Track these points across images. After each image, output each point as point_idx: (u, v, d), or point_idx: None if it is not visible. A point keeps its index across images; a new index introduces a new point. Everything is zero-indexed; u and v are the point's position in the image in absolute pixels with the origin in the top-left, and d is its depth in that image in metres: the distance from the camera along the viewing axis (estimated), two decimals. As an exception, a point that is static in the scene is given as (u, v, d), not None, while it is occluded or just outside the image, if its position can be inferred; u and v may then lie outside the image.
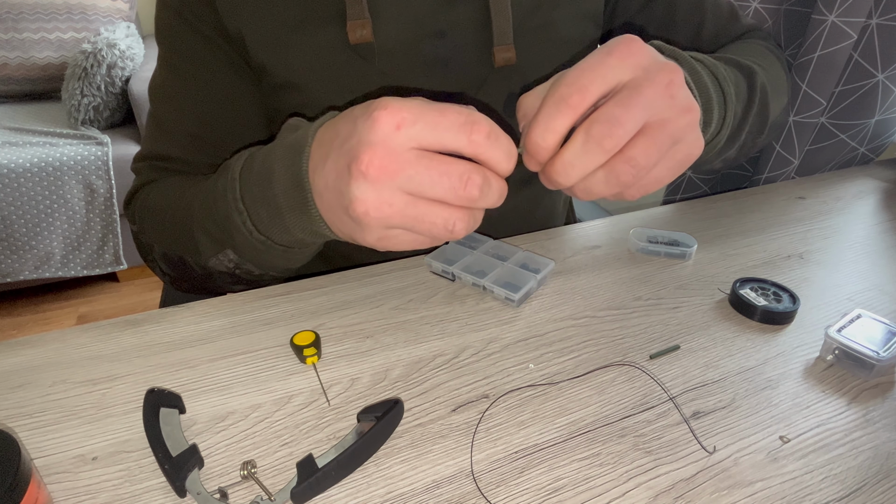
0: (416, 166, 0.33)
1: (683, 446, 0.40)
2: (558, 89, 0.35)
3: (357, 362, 0.47)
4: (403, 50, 0.57)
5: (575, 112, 0.34)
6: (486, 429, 0.41)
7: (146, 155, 0.63)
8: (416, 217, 0.35)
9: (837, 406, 0.43)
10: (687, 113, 0.36)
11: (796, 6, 0.86)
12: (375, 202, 0.34)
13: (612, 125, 0.34)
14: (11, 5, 1.91)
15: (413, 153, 0.33)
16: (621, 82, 0.35)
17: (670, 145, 0.36)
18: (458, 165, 0.34)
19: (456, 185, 0.33)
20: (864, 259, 0.62)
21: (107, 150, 1.75)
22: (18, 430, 0.40)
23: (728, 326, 0.51)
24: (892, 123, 0.87)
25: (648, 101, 0.34)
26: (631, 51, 0.35)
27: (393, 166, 0.33)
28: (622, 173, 0.35)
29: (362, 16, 0.54)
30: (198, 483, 0.35)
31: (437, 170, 0.33)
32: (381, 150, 0.33)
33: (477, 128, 0.33)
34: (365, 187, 0.34)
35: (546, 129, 0.35)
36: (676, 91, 0.36)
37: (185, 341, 0.49)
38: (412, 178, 0.33)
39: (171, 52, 0.59)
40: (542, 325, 0.51)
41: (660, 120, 0.35)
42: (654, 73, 0.35)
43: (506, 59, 0.58)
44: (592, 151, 0.34)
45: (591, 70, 0.35)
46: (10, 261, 1.73)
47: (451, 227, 0.35)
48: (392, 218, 0.35)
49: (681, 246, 0.61)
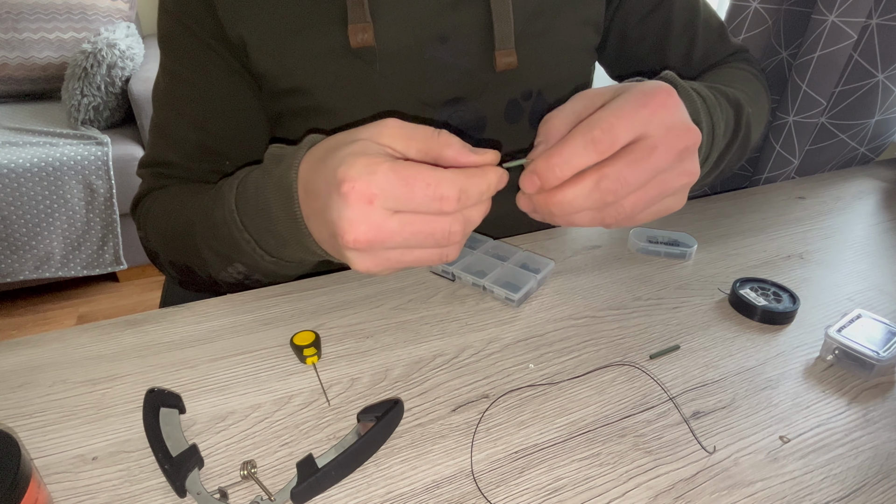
0: (402, 233, 0.35)
1: (683, 446, 0.40)
2: (592, 130, 0.35)
3: (357, 362, 0.47)
4: (405, 54, 0.57)
5: (599, 157, 0.36)
6: (486, 429, 0.41)
7: (149, 161, 0.63)
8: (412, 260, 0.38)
9: (837, 406, 0.43)
10: (687, 176, 0.38)
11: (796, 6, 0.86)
12: (374, 262, 0.37)
13: (621, 186, 0.36)
14: (11, 5, 1.91)
15: (395, 220, 0.35)
16: (644, 135, 0.36)
17: (660, 199, 0.38)
18: (438, 224, 0.36)
19: (440, 240, 0.36)
20: (864, 259, 0.62)
21: (107, 150, 1.75)
22: (18, 430, 0.40)
23: (728, 326, 0.51)
24: (892, 123, 0.87)
25: (659, 166, 0.36)
26: (665, 105, 0.36)
27: (380, 237, 0.35)
28: (608, 217, 0.38)
29: (363, 19, 0.54)
30: (198, 483, 0.35)
31: (422, 233, 0.36)
32: (363, 227, 0.35)
33: (447, 202, 0.35)
34: (358, 255, 0.37)
35: (566, 164, 0.36)
36: (687, 157, 0.38)
37: (185, 341, 0.49)
38: (403, 242, 0.36)
39: (173, 59, 0.59)
40: (542, 325, 0.51)
41: (659, 179, 0.37)
42: (673, 138, 0.37)
43: (507, 63, 0.59)
44: (594, 201, 0.36)
45: (626, 119, 0.35)
46: (10, 261, 1.73)
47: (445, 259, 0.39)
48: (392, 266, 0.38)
49: (681, 246, 0.62)
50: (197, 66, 0.58)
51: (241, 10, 0.54)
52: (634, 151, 0.36)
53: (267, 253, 0.47)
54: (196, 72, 0.58)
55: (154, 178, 0.63)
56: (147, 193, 0.63)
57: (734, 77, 0.64)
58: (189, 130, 0.60)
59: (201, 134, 0.60)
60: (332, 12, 0.54)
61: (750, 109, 0.56)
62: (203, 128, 0.60)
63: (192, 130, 0.60)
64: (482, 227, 0.67)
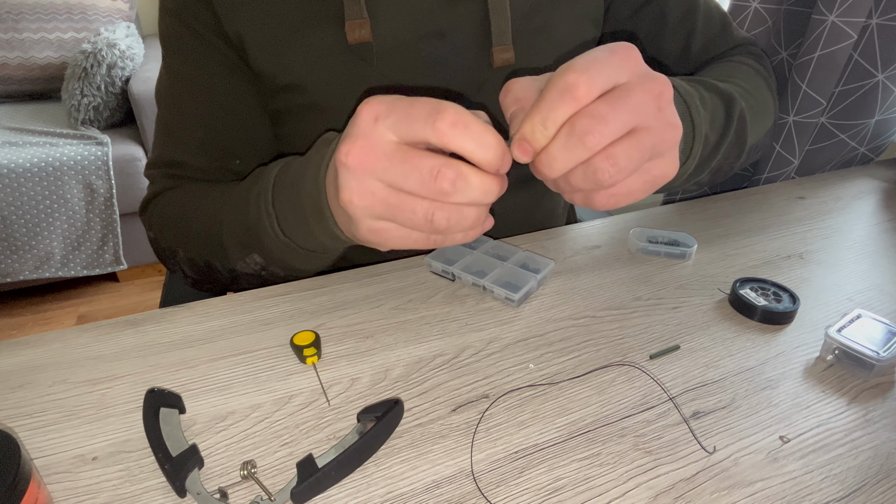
0: (391, 159, 0.35)
1: (683, 446, 0.40)
2: (565, 77, 0.33)
3: (357, 362, 0.47)
4: (402, 50, 0.57)
5: (579, 104, 0.33)
6: (486, 429, 0.41)
7: (158, 161, 0.63)
8: (396, 206, 0.36)
9: (837, 406, 0.43)
10: (672, 129, 0.37)
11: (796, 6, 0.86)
12: (358, 190, 0.36)
13: (598, 122, 0.33)
14: (11, 5, 1.91)
15: (391, 146, 0.35)
16: (617, 83, 0.35)
17: (650, 156, 0.36)
18: (429, 160, 0.34)
19: (425, 179, 0.34)
20: (864, 259, 0.62)
21: (107, 150, 1.75)
22: (18, 430, 0.40)
23: (728, 326, 0.51)
24: (892, 123, 0.87)
25: (638, 106, 0.34)
26: (630, 55, 0.35)
27: (370, 157, 0.35)
28: (600, 170, 0.35)
29: (360, 15, 0.54)
30: (198, 483, 0.35)
31: (409, 163, 0.34)
32: (361, 142, 0.35)
33: (441, 116, 0.33)
34: (347, 176, 0.36)
35: (546, 120, 0.34)
36: (665, 104, 0.36)
37: (185, 341, 0.49)
38: (387, 170, 0.35)
39: (174, 57, 0.59)
40: (542, 325, 0.51)
41: (646, 127, 0.35)
42: (647, 82, 0.35)
43: (505, 59, 0.58)
44: (575, 146, 0.34)
45: (599, 64, 0.34)
46: (10, 261, 1.73)
47: (431, 218, 0.35)
48: (374, 207, 0.36)
49: (681, 246, 0.61)
50: (198, 63, 0.58)
51: (237, 6, 0.54)
52: (608, 95, 0.34)
53: (283, 232, 0.47)
54: (198, 69, 0.58)
55: (165, 178, 0.63)
56: (158, 194, 0.63)
57: (731, 71, 0.63)
58: (194, 128, 0.60)
59: (207, 131, 0.60)
60: (329, 9, 0.54)
61: (744, 103, 0.55)
62: (208, 125, 0.60)
63: (197, 128, 0.60)
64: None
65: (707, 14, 0.68)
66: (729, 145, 0.55)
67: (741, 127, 0.55)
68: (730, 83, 0.58)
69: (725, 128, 0.53)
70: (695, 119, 0.47)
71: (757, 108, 0.61)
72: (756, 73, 0.66)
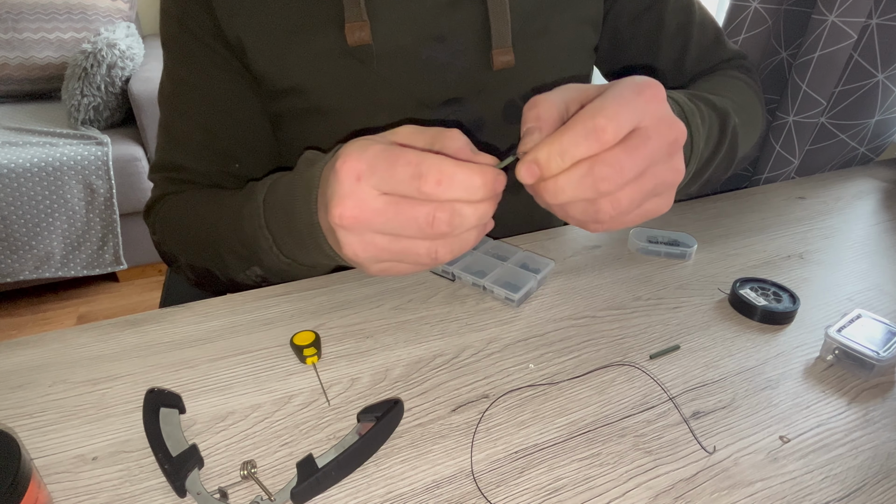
0: (384, 214, 0.35)
1: (683, 446, 0.40)
2: (595, 118, 0.34)
3: (357, 362, 0.47)
4: (402, 54, 0.57)
5: (602, 147, 0.34)
6: (486, 429, 0.41)
7: (160, 165, 0.63)
8: (400, 252, 0.37)
9: (837, 406, 0.43)
10: (676, 174, 0.38)
11: (796, 6, 0.86)
12: (360, 245, 0.37)
13: (616, 171, 0.34)
14: (11, 5, 1.91)
15: (381, 200, 0.36)
16: (638, 126, 0.35)
17: (651, 196, 0.37)
18: (422, 208, 0.35)
19: (422, 227, 0.35)
20: (864, 259, 0.62)
21: (107, 150, 1.75)
22: (18, 430, 0.40)
23: (728, 326, 0.51)
24: (892, 123, 0.87)
25: (652, 154, 0.35)
26: (656, 97, 0.36)
27: (364, 216, 0.36)
28: (602, 210, 0.36)
29: (360, 18, 0.54)
30: (198, 483, 0.35)
31: (403, 216, 0.35)
32: (350, 202, 0.36)
33: (424, 181, 0.34)
34: (346, 234, 0.37)
35: (567, 152, 0.34)
36: (675, 151, 0.37)
37: (185, 341, 0.49)
38: (384, 224, 0.36)
39: (175, 61, 0.59)
40: (542, 325, 0.51)
41: (653, 172, 0.36)
42: (664, 128, 0.36)
43: (504, 62, 0.58)
44: (587, 187, 0.35)
45: (627, 108, 0.34)
46: (10, 261, 1.73)
47: (435, 255, 0.37)
48: (379, 255, 0.38)
49: (681, 246, 0.61)
50: (199, 67, 0.58)
51: (238, 10, 0.54)
52: (631, 139, 0.35)
53: (283, 253, 0.48)
54: (198, 73, 0.58)
55: (167, 182, 0.63)
56: (161, 198, 0.63)
57: (725, 85, 0.64)
58: (195, 132, 0.61)
59: (207, 135, 0.60)
60: (329, 13, 0.54)
61: (737, 119, 0.56)
62: (208, 129, 0.60)
63: (197, 132, 0.61)
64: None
65: (702, 25, 0.69)
66: (721, 159, 0.56)
67: (733, 141, 0.56)
68: (724, 97, 0.58)
69: (719, 143, 0.54)
70: (694, 137, 0.48)
71: (748, 122, 0.62)
72: (747, 86, 0.67)
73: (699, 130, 0.48)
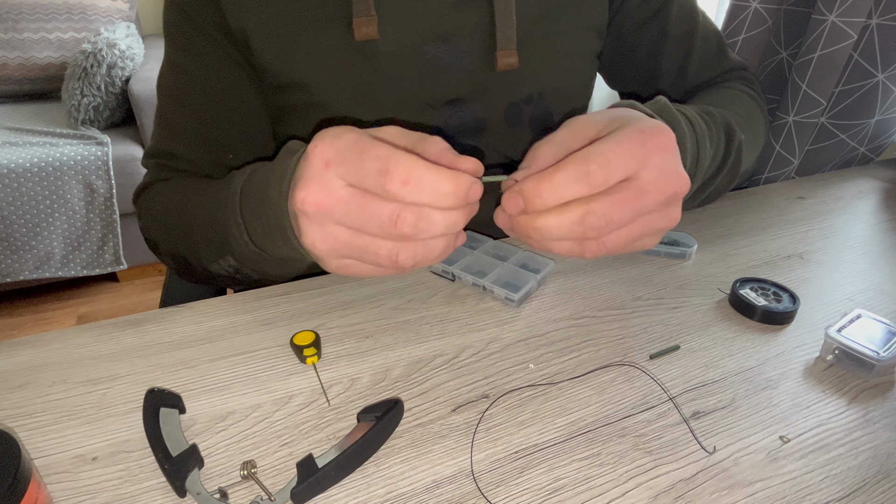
0: (348, 205, 0.34)
1: (683, 446, 0.40)
2: (588, 163, 0.34)
3: (357, 362, 0.47)
4: (406, 52, 0.57)
5: (591, 191, 0.34)
6: (486, 429, 0.41)
7: (154, 152, 0.63)
8: (360, 248, 0.36)
9: (837, 406, 0.43)
10: (669, 222, 0.38)
11: (796, 6, 0.86)
12: (320, 235, 0.36)
13: (606, 223, 0.34)
14: (11, 5, 1.91)
15: (346, 191, 0.34)
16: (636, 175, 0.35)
17: (639, 238, 0.38)
18: (386, 206, 0.33)
19: (385, 225, 0.34)
20: (864, 259, 0.62)
21: (107, 150, 1.75)
22: (18, 430, 0.40)
23: (728, 326, 0.51)
24: (892, 123, 0.87)
25: (646, 206, 0.35)
26: (662, 148, 0.35)
27: (327, 203, 0.34)
28: (588, 250, 0.37)
29: (368, 13, 0.54)
30: (198, 483, 0.35)
31: (367, 210, 0.34)
32: (315, 187, 0.34)
33: (390, 177, 0.33)
34: (307, 222, 0.36)
35: (555, 192, 0.34)
36: (673, 202, 0.37)
37: (185, 341, 0.49)
38: (347, 216, 0.35)
39: (176, 50, 0.59)
40: (542, 325, 0.51)
41: (644, 220, 0.36)
42: (664, 182, 0.36)
43: (508, 64, 0.59)
44: (575, 233, 0.35)
45: (624, 157, 0.34)
46: (10, 261, 1.73)
47: (395, 258, 0.35)
48: (339, 249, 0.36)
49: (681, 246, 0.61)
50: (199, 57, 0.58)
51: (245, 2, 0.54)
52: (625, 190, 0.35)
53: (253, 242, 0.46)
54: (199, 63, 0.58)
55: (158, 169, 0.63)
56: (150, 184, 0.63)
57: (731, 99, 0.63)
58: (191, 121, 0.61)
59: (203, 125, 0.60)
60: (337, 9, 0.55)
61: (743, 136, 0.55)
62: (205, 119, 0.60)
63: (194, 121, 0.61)
64: (482, 227, 0.67)
65: (704, 35, 0.69)
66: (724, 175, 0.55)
67: (737, 158, 0.55)
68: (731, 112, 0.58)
69: (724, 160, 0.53)
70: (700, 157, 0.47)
71: (753, 138, 0.61)
72: (752, 100, 0.67)
73: (706, 152, 0.48)
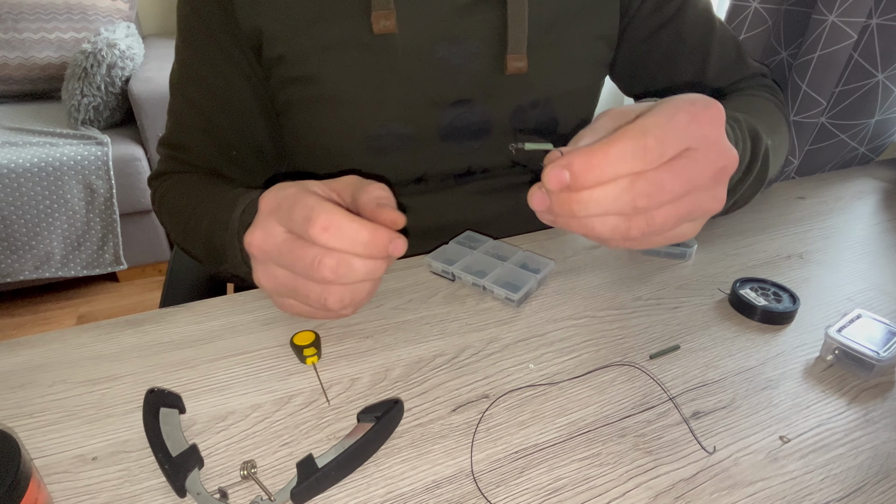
0: (281, 248, 0.39)
1: (683, 446, 0.39)
2: (645, 136, 0.32)
3: (357, 362, 0.47)
4: (416, 50, 0.57)
5: (645, 166, 0.33)
6: (486, 429, 0.41)
7: (166, 142, 0.65)
8: (294, 289, 0.40)
9: (837, 406, 0.43)
10: (716, 202, 0.36)
11: (796, 6, 0.86)
12: (264, 274, 0.41)
13: (657, 190, 0.33)
14: (11, 5, 1.91)
15: (283, 236, 0.39)
16: (689, 147, 0.34)
17: (685, 221, 0.36)
18: (309, 250, 0.37)
19: (308, 268, 0.38)
20: (864, 259, 0.62)
21: (107, 150, 1.75)
22: (18, 430, 0.40)
23: (728, 326, 0.51)
24: (892, 123, 0.87)
25: (697, 179, 0.34)
26: (714, 121, 0.35)
27: (266, 247, 0.39)
28: (634, 227, 0.34)
29: (387, 6, 0.54)
30: (198, 483, 0.35)
31: (294, 253, 0.38)
32: (259, 233, 0.40)
33: (312, 223, 0.37)
34: (254, 262, 0.41)
35: (610, 166, 0.32)
36: (721, 179, 0.36)
37: (185, 341, 0.49)
38: (280, 258, 0.39)
39: (185, 45, 0.60)
40: (542, 325, 0.51)
41: (693, 197, 0.35)
42: (714, 155, 0.35)
43: (517, 67, 0.59)
44: (625, 203, 0.33)
45: (680, 131, 0.33)
46: (10, 261, 1.73)
47: (324, 302, 0.40)
48: (278, 288, 0.41)
49: (681, 246, 0.61)
50: (204, 56, 0.59)
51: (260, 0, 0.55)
52: (678, 160, 0.33)
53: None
54: (202, 62, 0.59)
55: (170, 160, 0.65)
56: (164, 173, 0.66)
57: (754, 106, 0.62)
58: (195, 117, 0.62)
59: (206, 122, 0.62)
60: (353, 3, 0.55)
61: (769, 141, 0.54)
62: (207, 117, 0.62)
63: (197, 118, 0.62)
64: (483, 227, 0.67)
65: (722, 40, 0.68)
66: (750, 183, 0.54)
67: (765, 164, 0.54)
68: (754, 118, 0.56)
69: (750, 165, 0.52)
70: None
71: (779, 145, 0.60)
72: (776, 107, 0.66)
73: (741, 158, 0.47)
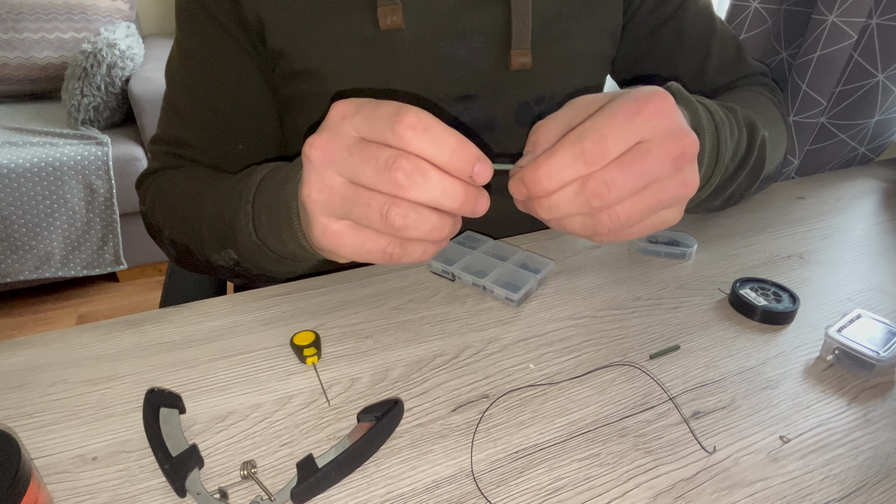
0: (351, 150, 0.34)
1: (683, 446, 0.40)
2: (581, 141, 0.33)
3: (357, 362, 0.47)
4: (421, 46, 0.57)
5: (589, 168, 0.34)
6: (486, 429, 0.41)
7: (162, 138, 0.63)
8: (352, 199, 0.35)
9: (837, 406, 0.43)
10: (685, 187, 0.36)
11: (796, 6, 0.86)
12: (318, 184, 0.35)
13: (608, 189, 0.34)
14: (11, 5, 1.91)
15: (352, 140, 0.35)
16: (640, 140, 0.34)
17: (657, 210, 0.36)
18: (386, 150, 0.33)
19: (381, 169, 0.33)
20: (864, 259, 0.62)
21: (107, 150, 1.75)
22: (18, 430, 0.40)
23: (728, 326, 0.51)
24: (892, 123, 0.87)
25: (651, 169, 0.34)
26: (661, 110, 0.35)
27: (331, 150, 0.35)
28: (601, 224, 0.35)
29: (394, 1, 0.54)
30: (198, 483, 0.35)
31: (366, 153, 0.34)
32: (325, 136, 0.35)
33: (399, 118, 0.32)
34: (310, 170, 0.36)
35: (553, 176, 0.34)
36: (685, 163, 0.36)
37: (185, 341, 0.49)
38: (345, 161, 0.34)
39: (187, 37, 0.59)
40: (542, 325, 0.51)
41: (657, 186, 0.35)
42: (669, 143, 0.35)
43: (522, 63, 0.59)
44: (580, 204, 0.35)
45: (619, 129, 0.34)
46: (10, 261, 1.73)
47: (385, 213, 0.34)
48: (331, 202, 0.36)
49: (681, 246, 0.61)
50: (210, 45, 0.58)
51: None
52: (628, 154, 0.34)
53: (255, 232, 0.46)
54: (209, 51, 0.58)
55: (168, 156, 0.63)
56: (158, 170, 0.63)
57: (751, 100, 0.63)
58: (201, 110, 0.60)
59: (212, 113, 0.60)
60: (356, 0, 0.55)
61: (766, 133, 0.54)
62: (214, 107, 0.60)
63: (203, 110, 0.60)
64: (482, 227, 0.67)
65: (722, 39, 0.68)
66: (747, 173, 0.54)
67: (761, 155, 0.54)
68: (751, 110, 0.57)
69: (746, 156, 0.52)
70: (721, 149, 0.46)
71: (775, 139, 0.61)
72: (774, 105, 0.66)
73: (726, 143, 0.47)
